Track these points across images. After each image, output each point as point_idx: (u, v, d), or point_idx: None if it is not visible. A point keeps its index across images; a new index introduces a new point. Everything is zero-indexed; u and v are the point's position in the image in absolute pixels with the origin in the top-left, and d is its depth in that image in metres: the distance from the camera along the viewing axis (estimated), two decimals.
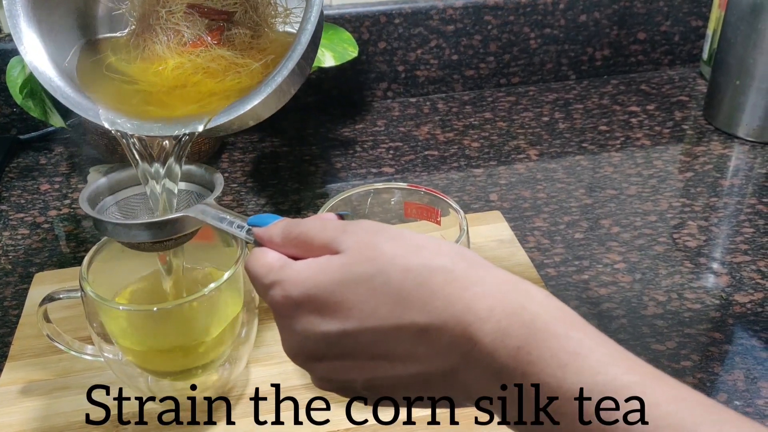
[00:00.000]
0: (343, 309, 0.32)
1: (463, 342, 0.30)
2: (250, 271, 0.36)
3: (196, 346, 0.50)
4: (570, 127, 0.88)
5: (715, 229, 0.70)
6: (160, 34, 0.50)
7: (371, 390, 0.34)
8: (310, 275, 0.33)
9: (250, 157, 0.85)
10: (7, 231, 0.74)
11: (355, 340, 0.33)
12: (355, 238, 0.33)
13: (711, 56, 0.94)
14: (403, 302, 0.31)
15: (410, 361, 0.32)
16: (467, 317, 0.30)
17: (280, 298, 0.34)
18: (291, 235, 0.36)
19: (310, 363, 0.35)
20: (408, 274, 0.31)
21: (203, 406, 0.53)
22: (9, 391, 0.54)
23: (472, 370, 0.31)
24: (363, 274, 0.32)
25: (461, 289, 0.31)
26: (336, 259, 0.33)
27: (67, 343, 0.52)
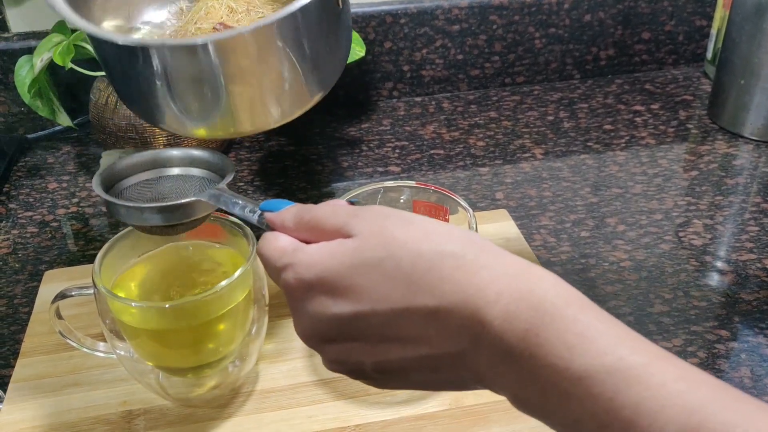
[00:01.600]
0: (355, 292, 0.33)
1: (472, 325, 0.31)
2: (263, 254, 0.37)
3: (207, 342, 0.50)
4: (575, 126, 0.88)
5: (721, 227, 0.71)
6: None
7: (381, 372, 0.35)
8: (322, 258, 0.34)
9: (257, 156, 0.85)
10: (16, 229, 0.74)
11: (366, 322, 0.33)
12: (367, 222, 0.34)
13: (715, 56, 0.95)
14: (414, 286, 0.32)
15: (420, 343, 0.33)
16: (476, 301, 0.31)
17: (293, 281, 0.35)
18: (303, 219, 0.36)
19: (321, 345, 0.36)
20: (418, 259, 0.32)
21: (214, 403, 0.53)
22: (21, 387, 0.55)
23: (481, 352, 0.31)
24: (374, 258, 0.33)
25: (470, 274, 0.31)
26: (348, 243, 0.34)
27: (78, 340, 0.53)
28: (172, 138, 0.76)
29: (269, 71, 0.47)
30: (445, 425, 0.51)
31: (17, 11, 0.85)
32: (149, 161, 0.48)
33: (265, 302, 0.53)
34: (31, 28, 0.87)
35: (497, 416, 0.51)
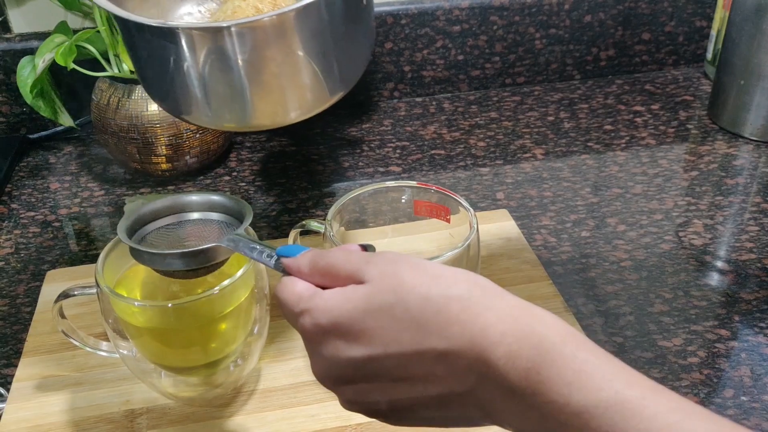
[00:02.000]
0: (367, 335, 0.35)
1: (478, 365, 0.33)
2: (280, 299, 0.38)
3: (209, 342, 0.50)
4: (575, 127, 0.89)
5: (721, 227, 0.71)
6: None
7: (394, 410, 0.37)
8: (336, 304, 0.35)
9: (258, 156, 0.85)
10: (18, 229, 0.74)
11: (379, 364, 0.35)
12: (378, 268, 0.35)
13: (715, 56, 0.95)
14: (423, 329, 0.33)
15: (430, 382, 0.34)
16: (481, 342, 0.32)
17: (310, 326, 0.36)
18: (318, 265, 0.38)
19: (337, 386, 0.37)
20: (427, 303, 0.34)
21: (216, 402, 0.53)
22: (24, 386, 0.55)
23: (487, 390, 0.33)
24: (385, 302, 0.34)
25: (475, 315, 0.33)
26: (360, 289, 0.35)
27: (81, 340, 0.53)
28: (174, 138, 0.77)
29: (289, 62, 0.47)
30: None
31: (19, 12, 0.86)
32: (170, 207, 0.49)
33: (267, 302, 0.53)
34: (33, 28, 0.87)
35: None
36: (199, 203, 0.50)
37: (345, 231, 0.56)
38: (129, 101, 0.76)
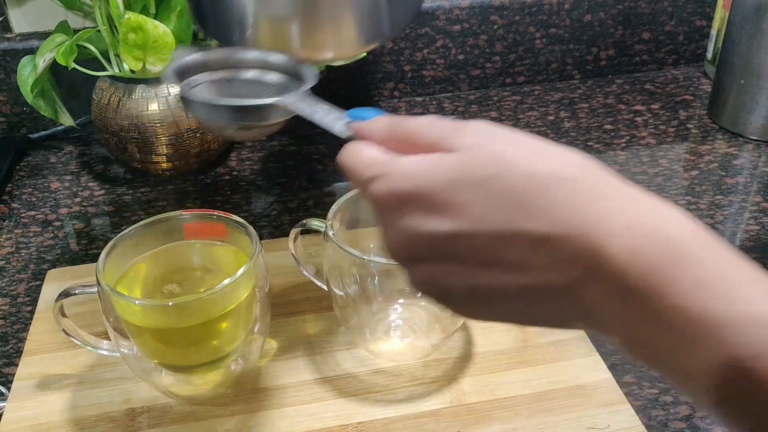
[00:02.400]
0: (455, 209, 0.30)
1: (587, 256, 0.28)
2: (347, 164, 0.34)
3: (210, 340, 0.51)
4: (575, 126, 0.89)
5: (721, 226, 0.71)
6: None
7: (471, 298, 0.32)
8: (420, 170, 0.31)
9: (259, 155, 0.85)
10: (19, 229, 0.74)
11: (464, 242, 0.30)
12: (473, 137, 0.31)
13: (715, 56, 0.95)
14: (524, 208, 0.29)
15: (523, 270, 0.30)
16: (596, 231, 0.28)
17: (385, 193, 0.32)
18: (396, 130, 0.34)
19: (410, 263, 0.33)
20: (531, 180, 0.29)
21: (216, 400, 0.54)
22: (25, 385, 0.55)
23: (593, 286, 0.29)
24: (480, 175, 0.30)
25: (591, 202, 0.29)
26: (451, 156, 0.31)
27: (82, 339, 0.53)
28: (174, 138, 0.77)
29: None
30: (446, 422, 0.51)
31: (20, 11, 0.86)
32: (221, 60, 0.45)
33: (267, 300, 0.53)
34: (34, 28, 0.87)
35: (499, 414, 0.52)
36: (254, 60, 0.45)
37: (346, 230, 0.56)
38: (129, 101, 0.76)
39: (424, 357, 0.56)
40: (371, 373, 0.55)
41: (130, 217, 0.75)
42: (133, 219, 0.75)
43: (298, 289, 0.63)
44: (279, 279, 0.64)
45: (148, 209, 0.76)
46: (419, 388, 0.54)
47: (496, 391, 0.53)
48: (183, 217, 0.54)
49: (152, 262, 0.53)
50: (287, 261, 0.62)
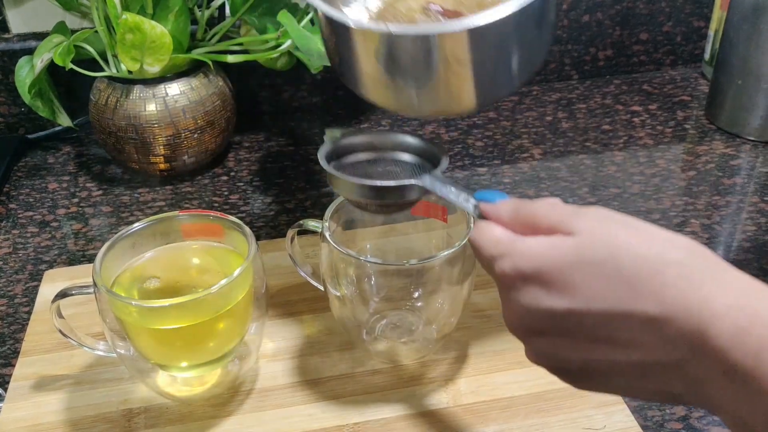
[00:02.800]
0: (572, 288, 0.33)
1: (693, 336, 0.30)
2: (476, 242, 0.37)
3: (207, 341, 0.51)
4: (573, 127, 0.89)
5: (718, 227, 0.71)
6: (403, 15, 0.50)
7: (585, 372, 0.35)
8: (541, 251, 0.34)
9: (256, 156, 0.85)
10: (17, 229, 0.74)
11: (579, 320, 0.33)
12: (588, 221, 0.34)
13: (713, 56, 0.95)
14: (634, 290, 0.31)
15: (632, 348, 0.32)
16: (702, 312, 0.30)
17: (510, 270, 0.35)
18: (520, 213, 0.36)
19: (529, 336, 0.36)
20: (642, 263, 0.32)
21: (213, 401, 0.54)
22: (22, 386, 0.55)
23: (701, 365, 0.31)
24: (595, 257, 0.32)
25: (697, 284, 0.31)
26: (568, 240, 0.34)
27: (79, 339, 0.53)
28: (172, 138, 0.77)
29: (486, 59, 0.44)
30: (442, 423, 0.51)
31: (17, 12, 0.86)
32: (367, 143, 0.50)
33: (264, 301, 0.53)
34: (32, 28, 0.87)
35: (495, 414, 0.52)
36: (394, 143, 0.50)
37: (343, 231, 0.56)
38: (127, 101, 0.76)
39: (420, 357, 0.56)
40: (368, 373, 0.55)
41: (127, 218, 0.75)
42: (131, 219, 0.75)
43: (295, 289, 0.63)
44: (276, 279, 0.64)
45: (145, 210, 0.76)
46: (416, 389, 0.54)
47: (493, 392, 0.53)
48: (180, 217, 0.54)
49: (149, 263, 0.53)
50: (284, 261, 0.62)
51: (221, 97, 0.80)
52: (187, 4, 0.76)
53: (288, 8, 0.75)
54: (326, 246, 0.53)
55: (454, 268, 0.52)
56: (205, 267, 0.55)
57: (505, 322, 0.37)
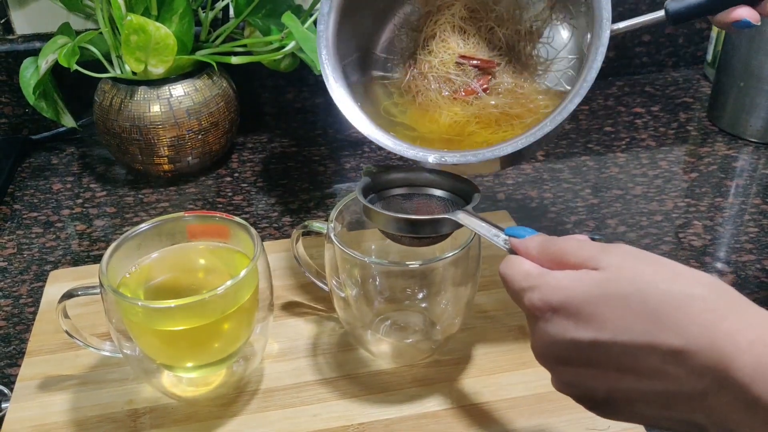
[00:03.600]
0: (598, 320, 0.34)
1: (717, 370, 0.31)
2: (506, 275, 0.39)
3: (212, 341, 0.51)
4: (575, 128, 0.89)
5: (720, 228, 0.71)
6: (432, 82, 0.54)
7: (611, 402, 0.36)
8: (569, 284, 0.35)
9: (260, 157, 0.86)
10: (21, 230, 0.74)
11: (605, 351, 0.34)
12: (615, 258, 0.35)
13: (715, 58, 0.95)
14: (659, 323, 0.33)
15: (656, 378, 0.33)
16: (725, 346, 0.31)
17: (538, 302, 0.36)
18: (548, 249, 0.38)
19: (556, 366, 0.37)
20: (666, 298, 0.33)
21: (219, 401, 0.54)
22: (27, 386, 0.55)
23: (723, 398, 0.32)
24: (621, 291, 0.34)
25: (720, 319, 0.32)
26: (595, 274, 0.35)
27: (85, 340, 0.53)
28: (176, 139, 0.77)
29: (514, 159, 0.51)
30: (446, 424, 0.51)
31: (22, 13, 0.86)
32: (402, 179, 0.53)
33: (270, 302, 0.54)
34: (36, 30, 0.87)
35: (501, 415, 0.52)
36: (429, 179, 0.53)
37: (347, 232, 0.56)
38: (131, 102, 0.76)
39: (425, 358, 0.57)
40: (373, 374, 0.55)
41: (131, 219, 0.76)
42: (135, 220, 0.75)
43: (300, 290, 0.63)
44: (281, 280, 0.64)
45: (149, 211, 0.77)
46: (421, 390, 0.54)
47: (497, 393, 0.53)
48: (185, 218, 0.54)
49: (155, 264, 0.53)
50: (289, 262, 0.62)
51: (225, 99, 0.80)
52: (191, 5, 0.76)
53: (292, 10, 0.75)
54: (331, 247, 0.53)
55: (458, 269, 0.52)
56: (210, 268, 0.55)
57: (533, 352, 0.38)
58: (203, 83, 0.78)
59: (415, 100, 0.56)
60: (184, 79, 0.77)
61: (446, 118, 0.54)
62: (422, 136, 0.54)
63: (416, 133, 0.54)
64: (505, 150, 0.48)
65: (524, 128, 0.51)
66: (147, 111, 0.76)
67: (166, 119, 0.76)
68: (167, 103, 0.76)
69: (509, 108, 0.54)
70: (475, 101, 0.54)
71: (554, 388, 0.39)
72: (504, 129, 0.53)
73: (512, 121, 0.53)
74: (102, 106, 0.77)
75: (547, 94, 0.55)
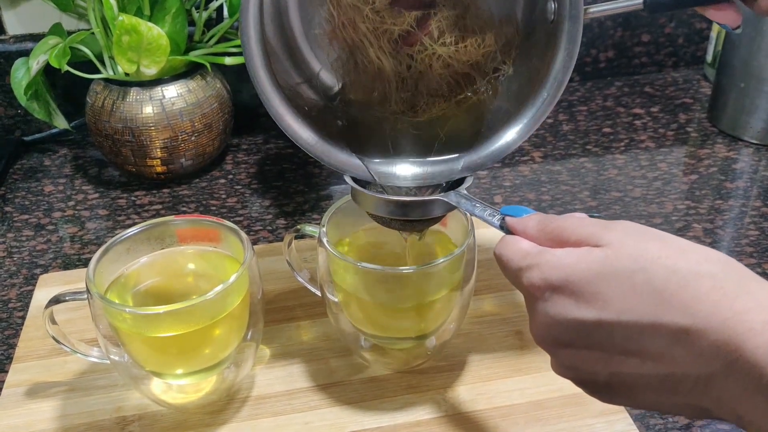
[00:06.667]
0: (600, 299, 0.32)
1: (727, 350, 0.30)
2: (502, 255, 0.37)
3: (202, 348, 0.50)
4: (574, 129, 0.88)
5: (720, 231, 0.70)
6: (369, 35, 0.49)
7: (612, 386, 0.34)
8: (570, 262, 0.34)
9: (255, 158, 0.85)
10: (12, 233, 0.74)
11: (608, 331, 0.33)
12: (618, 234, 0.33)
13: (715, 59, 0.94)
14: (665, 302, 0.31)
15: (663, 361, 0.32)
16: (736, 326, 0.30)
17: (538, 281, 0.35)
18: (547, 228, 0.36)
19: (556, 348, 0.35)
20: (672, 276, 0.31)
21: (209, 408, 0.53)
22: (14, 392, 0.54)
23: (732, 380, 0.30)
24: (625, 268, 0.32)
25: (731, 298, 0.30)
26: (597, 251, 0.33)
27: (72, 346, 0.52)
28: (169, 141, 0.76)
29: None
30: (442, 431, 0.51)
31: (13, 13, 0.85)
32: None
33: (261, 306, 0.53)
34: (28, 30, 0.86)
35: (495, 423, 0.51)
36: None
37: (341, 235, 0.56)
38: (124, 103, 0.75)
39: (419, 364, 0.56)
40: (366, 381, 0.55)
41: (124, 221, 0.75)
42: (127, 223, 0.74)
43: (292, 294, 0.62)
44: (273, 285, 0.63)
45: (142, 213, 0.76)
46: (414, 397, 0.53)
47: (492, 400, 0.53)
48: (175, 222, 0.53)
49: (144, 269, 0.53)
50: (282, 266, 0.61)
51: (219, 100, 0.79)
52: (184, 5, 0.75)
53: None
54: (323, 251, 0.52)
55: (453, 274, 0.51)
56: (200, 272, 0.54)
57: (532, 334, 0.37)
58: (197, 84, 0.77)
59: (351, 59, 0.49)
60: (177, 80, 0.76)
61: (396, 93, 0.49)
62: (371, 117, 0.50)
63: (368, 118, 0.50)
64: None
65: (475, 94, 0.48)
66: (139, 112, 0.75)
67: (158, 120, 0.75)
68: (160, 104, 0.75)
69: (456, 55, 0.48)
70: (419, 55, 0.48)
71: (554, 372, 0.37)
72: (457, 96, 0.49)
73: (463, 85, 0.49)
74: (94, 108, 0.77)
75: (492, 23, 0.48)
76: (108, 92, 0.76)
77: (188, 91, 0.76)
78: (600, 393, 0.36)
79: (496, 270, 0.64)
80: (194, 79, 0.77)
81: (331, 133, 0.49)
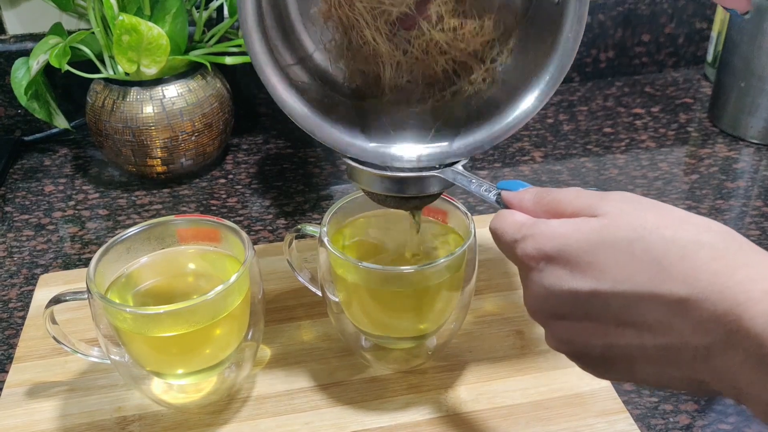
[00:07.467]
0: (596, 269, 0.32)
1: (727, 321, 0.29)
2: (497, 228, 0.37)
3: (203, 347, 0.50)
4: (574, 129, 0.88)
5: None
6: (365, 14, 0.47)
7: (608, 358, 0.34)
8: (565, 231, 0.33)
9: (255, 158, 0.85)
10: (12, 233, 0.73)
11: (604, 302, 0.32)
12: (616, 204, 0.33)
13: (715, 58, 0.94)
14: (664, 272, 0.30)
15: (661, 331, 0.31)
16: (736, 296, 0.29)
17: (532, 251, 0.34)
18: (543, 200, 0.36)
19: (550, 320, 0.35)
20: (671, 245, 0.31)
21: (209, 408, 0.53)
22: (15, 392, 0.54)
23: (731, 351, 0.29)
24: (622, 238, 0.31)
25: (731, 268, 0.30)
26: (594, 221, 0.33)
27: (73, 346, 0.52)
28: (169, 141, 0.76)
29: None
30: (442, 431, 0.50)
31: (14, 13, 0.85)
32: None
33: (261, 306, 0.53)
34: (28, 30, 0.86)
35: (497, 422, 0.51)
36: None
37: (342, 235, 0.55)
38: (124, 103, 0.75)
39: (420, 365, 0.56)
40: (367, 380, 0.54)
41: (124, 221, 0.75)
42: (128, 223, 0.74)
43: (293, 294, 0.62)
44: (273, 284, 0.63)
45: (142, 213, 0.76)
46: (416, 397, 0.53)
47: (493, 400, 0.52)
48: (175, 222, 0.53)
49: (144, 268, 0.52)
50: (282, 266, 0.61)
51: (219, 99, 0.79)
52: (185, 5, 0.75)
53: None
54: (324, 251, 0.52)
55: (454, 274, 0.51)
56: (201, 272, 0.54)
57: (526, 306, 0.36)
58: (197, 84, 0.77)
59: (346, 40, 0.47)
60: (178, 79, 0.76)
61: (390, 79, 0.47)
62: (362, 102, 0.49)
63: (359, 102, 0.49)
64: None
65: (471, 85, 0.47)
66: (140, 112, 0.75)
67: (159, 120, 0.75)
68: (160, 104, 0.75)
69: (453, 42, 0.46)
70: (416, 40, 0.46)
71: (548, 346, 0.36)
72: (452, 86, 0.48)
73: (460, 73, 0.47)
74: (94, 107, 0.76)
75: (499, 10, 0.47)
76: (108, 92, 0.76)
77: (188, 90, 0.76)
78: (596, 367, 0.35)
79: (496, 270, 0.64)
80: (194, 78, 0.77)
81: (325, 109, 0.48)
